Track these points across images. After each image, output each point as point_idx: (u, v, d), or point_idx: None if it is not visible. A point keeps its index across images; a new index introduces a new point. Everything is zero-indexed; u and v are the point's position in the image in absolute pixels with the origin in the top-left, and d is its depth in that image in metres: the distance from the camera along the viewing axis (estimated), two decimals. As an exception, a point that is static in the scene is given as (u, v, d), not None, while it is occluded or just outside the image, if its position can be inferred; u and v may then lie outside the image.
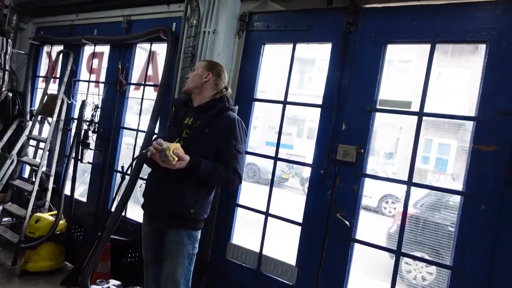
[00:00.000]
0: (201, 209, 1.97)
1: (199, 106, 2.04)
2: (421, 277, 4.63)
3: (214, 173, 1.87)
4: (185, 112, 2.08)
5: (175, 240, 1.95)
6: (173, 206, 1.91)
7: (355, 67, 2.15)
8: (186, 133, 2.00)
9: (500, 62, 1.78)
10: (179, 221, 1.93)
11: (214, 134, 1.95)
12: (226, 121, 1.96)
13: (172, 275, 1.94)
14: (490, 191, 1.75)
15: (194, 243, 1.98)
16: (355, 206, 2.09)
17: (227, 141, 1.94)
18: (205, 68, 2.08)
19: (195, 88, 2.05)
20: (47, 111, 3.71)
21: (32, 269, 3.21)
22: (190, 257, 1.97)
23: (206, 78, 2.05)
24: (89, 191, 3.56)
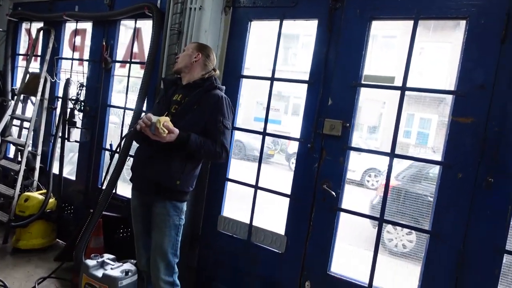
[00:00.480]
0: (187, 181, 2.05)
1: (188, 84, 2.12)
2: (402, 245, 4.87)
3: (203, 147, 1.95)
4: (174, 90, 2.17)
5: (161, 212, 2.04)
6: (160, 177, 1.99)
7: (341, 43, 2.20)
8: (174, 109, 2.08)
9: (478, 38, 1.86)
10: (165, 193, 2.02)
11: (202, 110, 2.02)
12: (214, 99, 2.04)
13: (160, 245, 2.04)
14: (467, 160, 1.87)
15: (180, 214, 2.07)
16: (341, 177, 2.19)
17: (215, 117, 2.02)
18: (195, 48, 2.15)
19: (185, 67, 2.13)
20: (30, 90, 3.65)
21: (24, 247, 3.25)
22: (176, 227, 2.06)
23: (196, 58, 2.13)
24: (77, 169, 3.57)
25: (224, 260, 2.60)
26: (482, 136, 1.83)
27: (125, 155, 2.77)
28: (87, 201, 3.45)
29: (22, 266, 3.05)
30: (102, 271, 2.52)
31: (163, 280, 2.03)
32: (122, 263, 2.62)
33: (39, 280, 2.80)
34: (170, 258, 2.05)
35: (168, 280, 2.05)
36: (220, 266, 2.62)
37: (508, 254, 1.82)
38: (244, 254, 2.51)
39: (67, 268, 2.95)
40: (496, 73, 1.80)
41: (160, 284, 2.03)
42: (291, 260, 2.35)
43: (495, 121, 1.81)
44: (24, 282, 2.80)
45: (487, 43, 1.84)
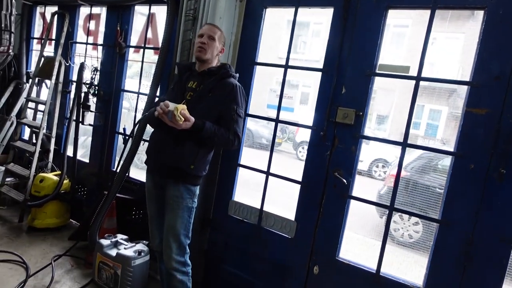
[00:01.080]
0: (200, 166, 2.10)
1: (203, 71, 2.15)
2: (408, 235, 4.90)
3: (216, 134, 2.00)
4: (188, 76, 2.19)
5: (174, 195, 2.08)
6: (174, 161, 2.04)
7: (356, 32, 2.20)
8: (189, 96, 2.12)
9: (496, 28, 1.85)
10: (179, 176, 2.06)
11: (216, 98, 2.07)
12: (229, 87, 2.08)
13: (173, 226, 2.09)
14: (479, 151, 1.88)
15: (193, 197, 2.12)
16: (353, 166, 2.22)
17: (229, 106, 2.06)
18: (221, 40, 2.19)
19: (211, 59, 2.16)
20: (45, 73, 3.71)
21: (39, 226, 3.35)
22: (189, 210, 2.12)
23: (221, 52, 2.22)
24: (91, 152, 3.64)
25: (234, 243, 2.66)
26: (495, 128, 1.84)
27: (139, 140, 2.83)
28: (100, 183, 3.52)
29: (37, 244, 3.15)
30: (116, 251, 2.61)
31: (175, 259, 2.09)
32: (135, 244, 2.71)
33: (54, 258, 2.89)
34: (182, 239, 2.10)
35: (180, 260, 2.11)
36: (230, 249, 2.69)
37: (516, 245, 1.85)
38: (254, 238, 2.57)
39: (81, 247, 3.04)
40: (512, 64, 1.79)
41: (172, 263, 2.09)
42: (301, 245, 2.40)
43: (509, 112, 1.81)
44: (40, 259, 2.89)
45: (504, 34, 1.83)
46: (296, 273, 2.42)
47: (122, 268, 2.54)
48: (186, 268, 2.14)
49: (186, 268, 2.14)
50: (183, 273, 2.12)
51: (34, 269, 2.73)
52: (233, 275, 2.66)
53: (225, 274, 2.68)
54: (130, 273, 2.53)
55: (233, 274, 2.66)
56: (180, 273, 2.11)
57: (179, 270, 2.10)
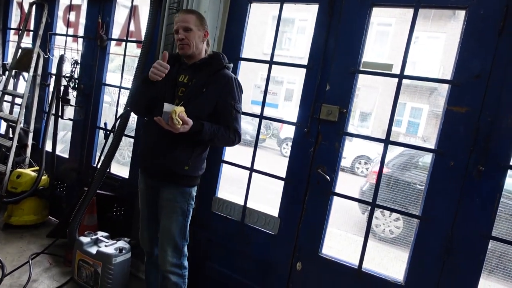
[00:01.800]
0: (196, 166, 1.99)
1: (194, 63, 1.99)
2: (389, 231, 4.99)
3: (216, 135, 1.89)
4: (178, 68, 2.02)
5: (168, 198, 1.99)
6: (168, 163, 1.93)
7: (341, 28, 2.20)
8: (181, 92, 1.95)
9: (477, 28, 1.88)
10: (173, 179, 1.96)
11: (211, 93, 1.92)
12: (224, 80, 1.94)
13: (168, 230, 2.00)
14: (459, 149, 1.91)
15: (188, 200, 2.01)
16: (336, 162, 2.23)
17: (226, 101, 1.94)
18: (199, 25, 1.96)
19: (197, 50, 1.97)
20: (22, 66, 3.59)
21: (16, 223, 3.26)
22: (184, 213, 2.01)
23: (205, 36, 2.00)
24: (71, 148, 3.55)
25: (218, 240, 2.65)
26: (475, 126, 1.87)
27: (120, 135, 2.77)
28: (80, 179, 3.45)
29: (14, 241, 3.06)
30: (96, 248, 2.55)
31: (170, 262, 2.00)
32: (115, 241, 2.66)
33: (32, 256, 2.82)
34: (178, 242, 2.02)
35: (176, 263, 2.02)
36: (214, 246, 2.67)
37: (493, 240, 1.89)
38: (237, 235, 2.56)
39: (60, 245, 2.98)
40: (492, 63, 1.83)
41: (167, 266, 2.00)
42: (284, 242, 2.40)
43: (488, 111, 1.85)
44: (17, 257, 2.81)
45: (485, 34, 1.86)
46: (279, 269, 2.42)
47: (103, 266, 2.49)
48: (182, 271, 2.06)
49: (182, 271, 2.05)
50: (178, 275, 2.03)
51: (10, 268, 2.64)
52: (217, 272, 2.65)
53: (209, 271, 2.66)
54: (110, 271, 2.48)
55: (217, 271, 2.65)
56: (175, 276, 2.02)
57: (174, 272, 2.01)
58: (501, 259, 3.93)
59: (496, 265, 3.96)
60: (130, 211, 3.06)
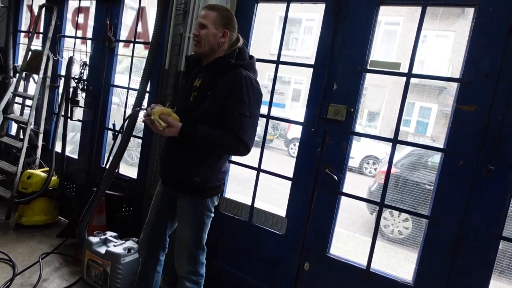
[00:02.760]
0: (208, 177, 1.85)
1: (207, 64, 1.86)
2: (398, 231, 4.95)
3: (210, 141, 1.73)
4: (197, 72, 1.93)
5: (182, 206, 1.93)
6: (178, 174, 1.86)
7: (348, 28, 2.19)
8: (193, 97, 1.84)
9: (486, 26, 1.86)
10: (187, 189, 1.89)
11: (216, 96, 1.77)
12: (229, 81, 1.75)
13: (182, 238, 1.95)
14: (468, 148, 1.89)
15: (203, 210, 1.90)
16: (343, 162, 2.22)
17: (231, 104, 1.74)
18: (219, 24, 1.81)
19: (210, 50, 1.83)
20: (32, 68, 3.63)
21: (27, 223, 3.30)
22: (199, 223, 1.92)
23: (223, 38, 1.83)
24: (80, 149, 3.58)
25: (225, 240, 2.65)
26: (484, 125, 1.85)
27: (129, 136, 2.79)
28: (89, 180, 3.48)
29: (25, 241, 3.10)
30: (105, 248, 2.57)
31: (185, 268, 1.95)
32: (124, 241, 2.68)
33: (42, 255, 2.85)
34: (192, 250, 1.94)
35: (190, 270, 1.95)
36: (221, 246, 2.67)
37: (504, 241, 1.87)
38: (245, 234, 2.56)
39: (70, 245, 3.00)
40: (502, 61, 1.81)
41: (182, 272, 1.97)
42: (291, 242, 2.40)
43: (498, 109, 1.82)
44: (28, 257, 2.85)
45: (494, 31, 1.84)
46: (287, 269, 2.42)
47: (112, 265, 2.51)
48: (198, 277, 1.98)
49: (197, 278, 1.98)
50: (192, 282, 1.97)
51: (21, 267, 2.68)
52: (225, 271, 2.65)
53: (216, 270, 2.67)
54: (119, 270, 2.50)
55: (225, 270, 2.65)
56: (189, 282, 1.97)
57: (188, 278, 1.96)
58: (513, 260, 3.88)
59: (508, 266, 3.90)
60: (138, 211, 3.08)
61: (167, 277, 2.77)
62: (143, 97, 2.86)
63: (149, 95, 3.00)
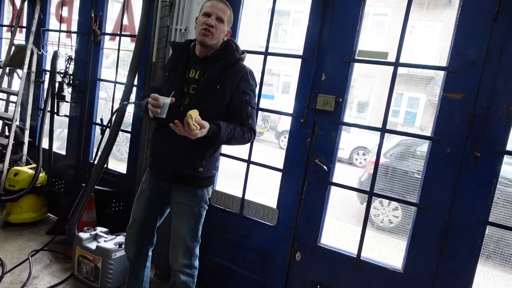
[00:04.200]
0: (210, 166, 1.89)
1: (206, 57, 1.85)
2: (388, 220, 5.01)
3: (234, 136, 1.78)
4: (186, 61, 1.89)
5: (178, 201, 1.92)
6: (181, 166, 1.84)
7: (335, 18, 2.19)
8: (192, 89, 1.82)
9: (472, 14, 1.87)
10: (185, 181, 1.88)
11: (225, 90, 1.79)
12: (238, 75, 1.81)
13: (178, 232, 1.94)
14: (455, 136, 1.92)
15: (200, 203, 1.92)
16: (333, 152, 2.23)
17: (241, 98, 1.81)
18: (229, 22, 1.90)
19: (216, 44, 1.86)
20: (16, 63, 3.55)
21: (15, 221, 3.25)
22: (195, 216, 1.93)
23: (227, 36, 1.92)
24: (67, 144, 3.53)
25: (217, 232, 2.65)
26: (471, 112, 1.87)
27: (117, 130, 2.76)
28: (77, 176, 3.44)
29: (13, 239, 3.06)
30: (96, 244, 2.56)
31: (180, 263, 1.94)
32: (115, 236, 2.67)
33: (32, 253, 2.82)
34: (189, 243, 1.94)
35: (186, 263, 1.96)
36: (213, 238, 2.67)
37: (490, 226, 1.91)
38: (236, 227, 2.56)
39: (60, 241, 2.98)
40: (487, 49, 1.83)
41: (177, 265, 1.96)
42: (283, 232, 2.41)
43: (484, 97, 1.85)
44: (17, 255, 2.81)
45: (480, 19, 1.85)
46: (279, 260, 2.43)
47: (103, 261, 2.49)
48: (192, 270, 1.99)
49: (191, 271, 1.98)
50: (188, 275, 1.97)
51: (10, 265, 2.65)
52: (216, 264, 2.66)
53: (208, 263, 2.67)
54: (110, 266, 2.49)
55: (216, 263, 2.66)
56: (185, 275, 1.97)
57: (184, 272, 1.96)
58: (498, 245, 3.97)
59: (494, 251, 3.99)
60: (128, 206, 3.05)
61: (158, 271, 2.77)
62: (131, 90, 2.82)
63: (136, 89, 2.96)
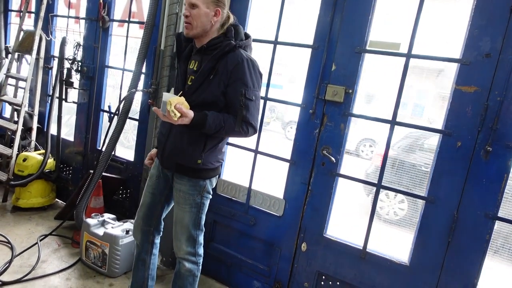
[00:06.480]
0: (209, 158, 1.85)
1: (202, 47, 1.80)
2: (393, 213, 5.00)
3: (223, 127, 1.73)
4: (189, 53, 1.88)
5: (180, 189, 1.91)
6: (180, 158, 1.84)
7: (347, 7, 2.15)
8: (190, 80, 1.80)
9: (487, 5, 1.82)
10: (185, 172, 1.87)
11: (219, 80, 1.73)
12: (232, 64, 1.72)
13: (181, 220, 1.94)
14: (467, 129, 1.89)
15: (202, 192, 1.91)
16: (341, 144, 2.21)
17: (235, 89, 1.73)
18: (210, 2, 1.72)
19: (203, 31, 1.76)
20: (25, 48, 3.55)
21: (24, 205, 3.30)
22: (197, 205, 1.92)
23: (216, 16, 1.75)
24: (75, 131, 3.55)
25: (223, 221, 2.66)
26: (483, 106, 1.84)
27: (125, 118, 2.76)
28: (85, 162, 3.46)
29: (23, 223, 3.10)
30: (103, 230, 2.58)
31: (184, 250, 1.95)
32: (122, 223, 2.69)
33: (41, 237, 2.86)
34: (192, 232, 1.94)
35: (190, 251, 1.96)
36: (219, 227, 2.69)
37: (499, 221, 1.89)
38: (242, 216, 2.57)
39: (68, 227, 3.02)
40: (503, 41, 1.78)
41: (181, 253, 1.97)
42: (289, 223, 2.41)
43: (498, 90, 1.81)
44: (26, 239, 2.85)
45: (496, 10, 1.80)
46: (285, 250, 2.44)
47: (110, 247, 2.52)
48: (197, 258, 2.00)
49: (196, 258, 1.99)
50: (192, 262, 1.98)
51: (19, 249, 2.69)
52: (222, 252, 2.68)
53: (214, 251, 2.69)
54: (118, 251, 2.52)
55: (222, 252, 2.68)
56: (189, 263, 1.98)
57: (188, 259, 1.97)
58: (507, 239, 3.95)
59: (502, 245, 3.97)
60: (136, 193, 3.08)
61: (164, 258, 2.80)
62: (139, 78, 2.81)
63: (144, 76, 2.95)
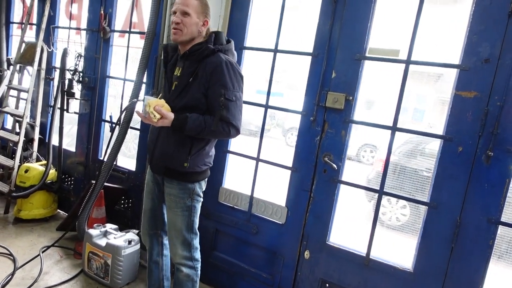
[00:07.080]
0: (197, 161, 1.89)
1: (185, 53, 1.88)
2: (396, 219, 4.98)
3: (204, 128, 1.77)
4: (175, 60, 1.97)
5: (170, 193, 1.95)
6: (166, 160, 1.89)
7: (346, 15, 2.17)
8: (175, 86, 1.89)
9: (486, 11, 1.84)
10: (174, 175, 1.92)
11: (200, 83, 1.80)
12: (211, 67, 1.78)
13: (173, 224, 1.98)
14: (468, 134, 1.89)
15: (192, 195, 1.94)
16: (343, 150, 2.22)
17: (214, 90, 1.78)
18: (200, 12, 1.83)
19: (190, 39, 1.85)
20: (26, 60, 3.58)
21: (26, 217, 3.29)
22: (189, 208, 1.95)
23: (204, 26, 1.87)
24: (77, 141, 3.56)
25: (225, 230, 2.66)
26: (484, 111, 1.85)
27: (126, 127, 2.77)
28: (87, 173, 3.47)
29: (25, 235, 3.09)
30: (106, 240, 2.58)
31: (180, 255, 1.98)
32: (124, 233, 2.69)
33: (43, 249, 2.85)
34: (186, 235, 1.97)
35: (186, 255, 1.99)
36: (221, 235, 2.68)
37: (502, 226, 1.88)
38: (245, 224, 2.57)
39: (70, 238, 3.01)
40: (502, 47, 1.79)
41: (177, 258, 1.99)
42: (291, 230, 2.41)
43: (497, 95, 1.82)
44: (28, 251, 2.85)
45: (494, 16, 1.82)
46: (287, 258, 2.43)
47: (112, 257, 2.51)
48: (194, 263, 2.02)
49: (193, 263, 2.01)
50: (189, 267, 2.00)
51: (22, 261, 2.68)
52: (224, 261, 2.66)
53: (216, 260, 2.68)
54: (120, 262, 2.51)
55: (224, 260, 2.66)
56: (186, 268, 1.99)
57: (185, 264, 1.99)
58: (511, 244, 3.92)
59: (506, 251, 3.94)
60: (138, 203, 3.07)
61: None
62: (140, 88, 2.82)
63: (145, 86, 2.97)
